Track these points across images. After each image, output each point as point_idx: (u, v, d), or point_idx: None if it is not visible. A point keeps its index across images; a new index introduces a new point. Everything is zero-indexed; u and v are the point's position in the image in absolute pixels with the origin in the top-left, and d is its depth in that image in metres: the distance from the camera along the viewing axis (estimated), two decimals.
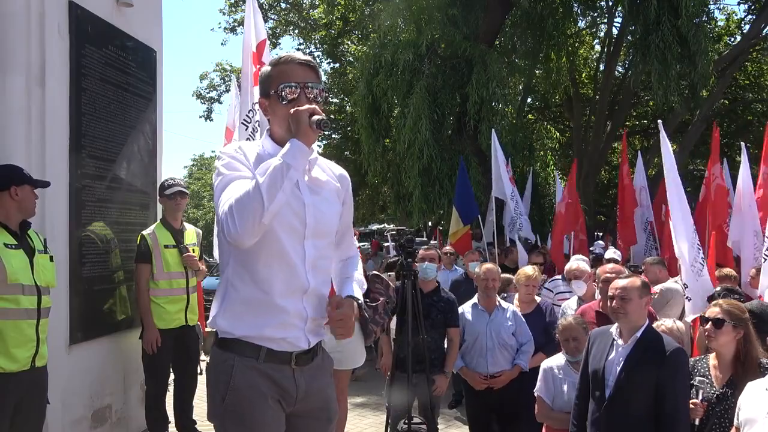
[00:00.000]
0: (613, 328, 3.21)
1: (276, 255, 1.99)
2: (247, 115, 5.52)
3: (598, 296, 4.44)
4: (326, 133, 18.52)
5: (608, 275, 4.05)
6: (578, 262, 5.33)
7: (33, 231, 3.44)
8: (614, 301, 3.11)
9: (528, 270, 4.82)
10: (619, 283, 3.17)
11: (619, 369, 3.03)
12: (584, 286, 4.94)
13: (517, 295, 4.82)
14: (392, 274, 5.28)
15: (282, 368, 2.03)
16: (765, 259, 4.97)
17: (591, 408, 3.13)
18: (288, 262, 2.01)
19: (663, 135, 5.30)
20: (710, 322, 3.04)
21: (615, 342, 3.14)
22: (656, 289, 5.31)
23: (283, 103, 2.03)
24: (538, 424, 3.85)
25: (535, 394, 3.77)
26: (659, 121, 5.50)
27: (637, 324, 3.09)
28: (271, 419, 2.01)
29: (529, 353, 4.40)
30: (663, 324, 3.63)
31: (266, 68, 2.12)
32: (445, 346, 4.51)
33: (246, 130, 5.52)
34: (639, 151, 11.53)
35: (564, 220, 8.75)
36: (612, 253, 7.29)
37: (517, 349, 4.42)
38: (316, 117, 1.92)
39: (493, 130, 8.78)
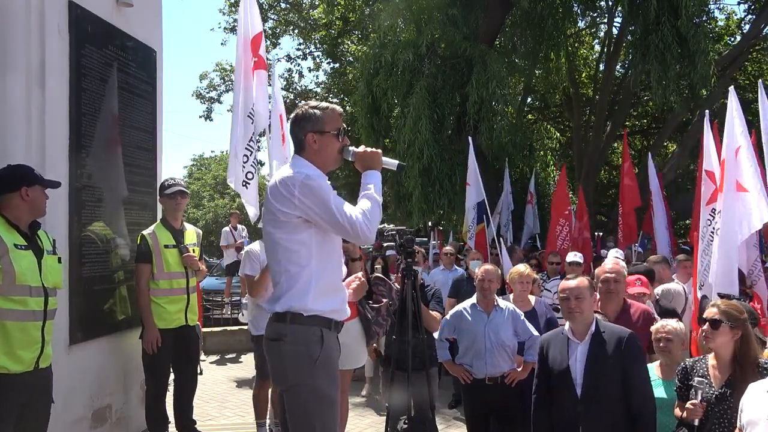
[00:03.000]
0: (565, 329, 3.35)
1: (338, 253, 2.81)
2: (252, 110, 5.38)
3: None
4: None
5: (607, 275, 4.04)
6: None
7: (43, 231, 3.43)
8: (571, 302, 3.25)
9: (520, 268, 4.79)
10: (570, 284, 3.32)
11: (584, 365, 3.19)
12: None
13: (512, 296, 4.79)
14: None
15: (335, 334, 2.73)
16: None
17: (562, 409, 3.24)
18: (340, 255, 2.85)
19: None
20: (708, 323, 3.05)
21: (570, 341, 3.29)
22: (657, 290, 5.30)
23: (339, 140, 2.75)
24: None
25: None
26: (731, 87, 4.73)
27: (589, 320, 3.27)
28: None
29: (536, 347, 4.36)
30: (668, 324, 3.62)
31: (314, 111, 2.70)
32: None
33: (251, 124, 5.35)
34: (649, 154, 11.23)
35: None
36: (615, 252, 7.28)
37: (516, 348, 4.40)
38: (396, 161, 2.93)
39: (469, 138, 8.69)
